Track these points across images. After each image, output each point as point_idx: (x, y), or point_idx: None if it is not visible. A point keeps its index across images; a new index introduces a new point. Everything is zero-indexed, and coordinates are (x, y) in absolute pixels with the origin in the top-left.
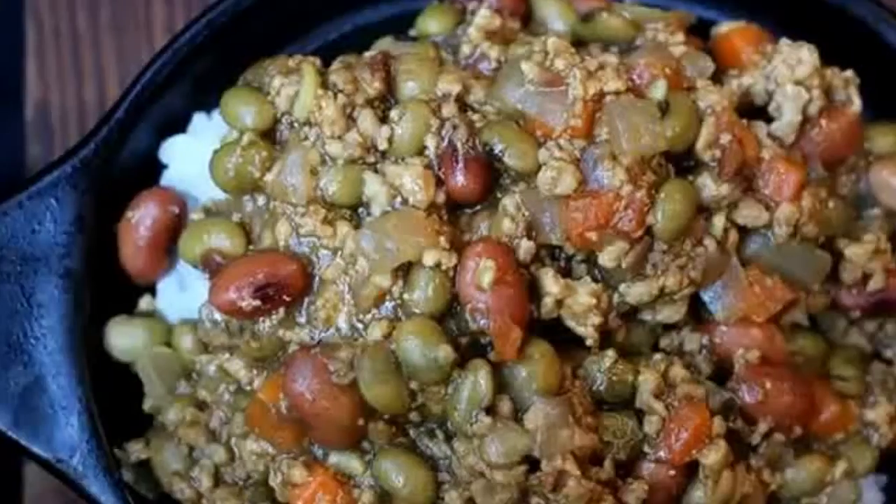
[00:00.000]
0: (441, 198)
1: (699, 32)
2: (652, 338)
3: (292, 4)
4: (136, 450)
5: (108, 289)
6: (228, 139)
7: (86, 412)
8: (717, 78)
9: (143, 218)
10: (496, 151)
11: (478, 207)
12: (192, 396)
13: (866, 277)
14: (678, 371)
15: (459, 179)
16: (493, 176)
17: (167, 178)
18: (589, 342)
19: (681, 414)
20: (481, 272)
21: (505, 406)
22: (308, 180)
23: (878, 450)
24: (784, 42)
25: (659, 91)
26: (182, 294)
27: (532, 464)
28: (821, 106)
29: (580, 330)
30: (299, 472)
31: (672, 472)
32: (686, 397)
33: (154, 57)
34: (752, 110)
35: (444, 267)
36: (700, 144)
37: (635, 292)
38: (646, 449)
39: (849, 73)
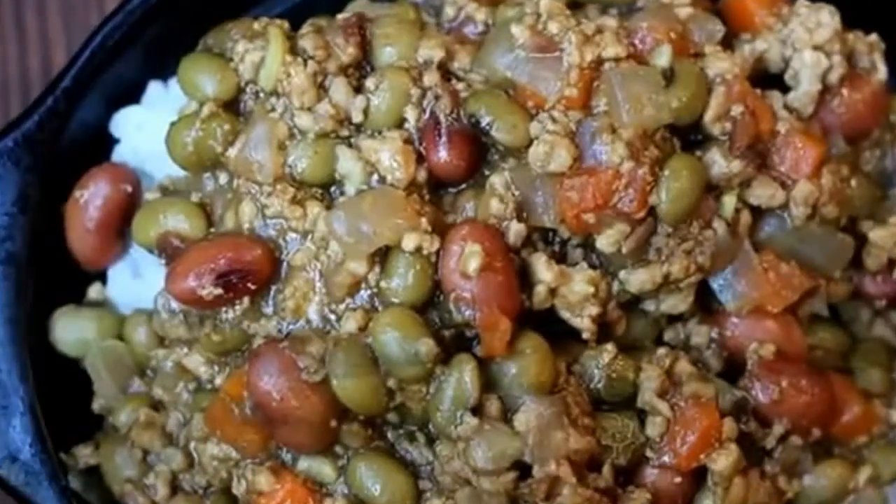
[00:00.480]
0: (422, 175)
1: None
2: (655, 330)
3: None
4: (84, 454)
5: (54, 276)
6: (187, 111)
7: (29, 412)
8: (728, 43)
9: (92, 197)
10: (483, 124)
11: (463, 186)
12: (147, 395)
13: (892, 263)
14: (684, 367)
15: (442, 155)
16: (479, 151)
17: (119, 154)
18: (586, 335)
19: (687, 415)
20: (467, 257)
21: (493, 406)
22: (275, 156)
23: None
24: (802, 3)
25: (663, 57)
26: (135, 281)
27: (523, 470)
28: (842, 74)
29: (576, 321)
30: (265, 478)
31: (678, 479)
32: (693, 396)
33: (104, 20)
34: (767, 79)
35: (425, 252)
36: (709, 116)
37: (637, 280)
38: (648, 453)
39: (873, 37)
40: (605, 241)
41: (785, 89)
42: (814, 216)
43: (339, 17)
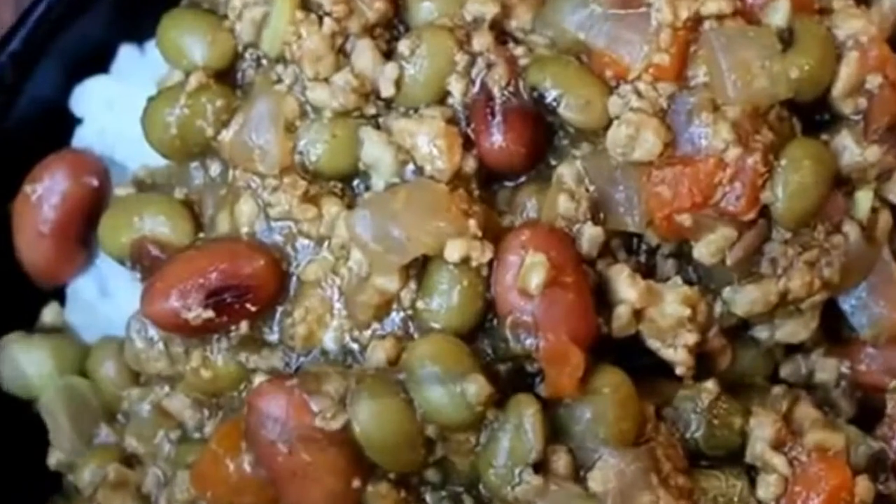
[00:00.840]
0: (470, 165)
1: None
2: (769, 364)
3: None
4: None
5: None
6: (169, 83)
7: None
8: None
9: (47, 193)
10: (548, 100)
11: (522, 179)
12: (117, 447)
13: None
14: (807, 411)
15: (496, 139)
16: (543, 135)
17: (82, 137)
18: (680, 370)
19: (810, 472)
20: (528, 270)
21: (561, 461)
22: (282, 140)
23: None
24: None
25: (779, 14)
26: (102, 301)
27: None
28: None
29: (667, 353)
30: None
31: None
32: (818, 448)
33: None
34: None
35: (474, 263)
36: (838, 90)
37: (745, 299)
38: None
39: None
40: (704, 250)
41: None
42: None
43: None
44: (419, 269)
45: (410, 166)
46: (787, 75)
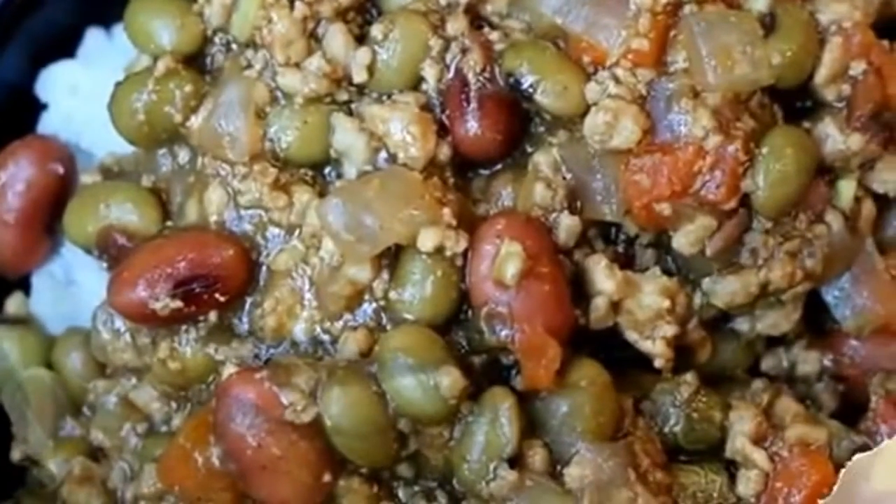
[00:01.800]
0: (445, 153)
1: None
2: (749, 357)
3: None
4: None
5: None
6: (136, 68)
7: None
8: None
9: (11, 180)
10: (524, 86)
11: (498, 167)
12: (83, 440)
13: None
14: (788, 405)
15: (471, 126)
16: (519, 121)
17: (48, 123)
18: (658, 363)
19: (792, 467)
20: (503, 260)
21: (537, 456)
22: (252, 127)
23: None
24: None
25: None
26: (68, 291)
27: None
28: None
29: (646, 345)
30: None
31: None
32: (799, 443)
33: None
34: None
35: (448, 252)
36: (821, 77)
37: (725, 290)
38: None
39: None
40: (683, 240)
41: None
42: None
43: None
44: (392, 258)
45: (383, 154)
46: (768, 61)
